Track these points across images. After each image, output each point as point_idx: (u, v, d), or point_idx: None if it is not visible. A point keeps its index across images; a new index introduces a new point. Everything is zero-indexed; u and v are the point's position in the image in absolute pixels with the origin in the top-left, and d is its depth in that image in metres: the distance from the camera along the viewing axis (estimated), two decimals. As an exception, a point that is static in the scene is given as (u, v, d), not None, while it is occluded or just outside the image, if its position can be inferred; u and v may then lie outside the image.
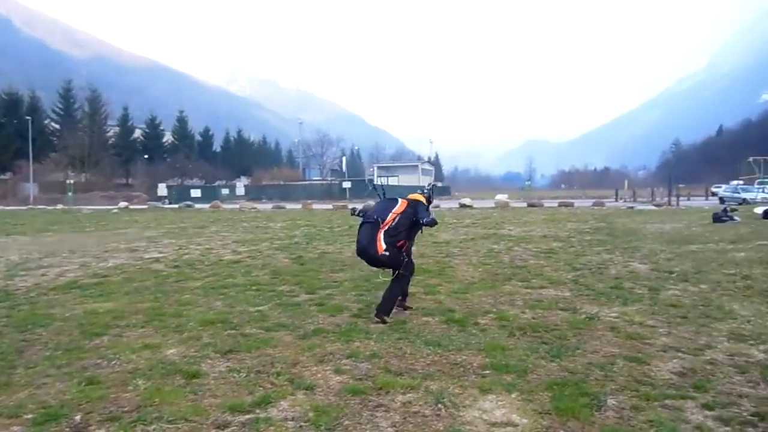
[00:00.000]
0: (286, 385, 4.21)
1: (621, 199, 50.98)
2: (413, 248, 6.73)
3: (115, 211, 38.83)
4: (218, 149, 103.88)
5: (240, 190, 65.21)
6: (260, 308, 6.88)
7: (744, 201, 33.26)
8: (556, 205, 35.80)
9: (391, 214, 6.10)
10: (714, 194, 48.30)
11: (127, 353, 5.04)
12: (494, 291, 7.82)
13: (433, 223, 6.24)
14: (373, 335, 5.55)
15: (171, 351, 5.12)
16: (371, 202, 39.46)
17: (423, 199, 6.52)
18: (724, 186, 48.22)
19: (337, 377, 4.40)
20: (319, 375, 4.45)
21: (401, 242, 6.15)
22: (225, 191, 65.04)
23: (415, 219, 6.20)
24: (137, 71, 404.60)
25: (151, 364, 4.72)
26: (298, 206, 39.72)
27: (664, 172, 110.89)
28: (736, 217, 18.02)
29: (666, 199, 41.64)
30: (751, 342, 5.16)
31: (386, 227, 6.03)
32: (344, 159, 77.38)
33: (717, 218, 18.11)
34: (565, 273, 9.31)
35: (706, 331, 5.58)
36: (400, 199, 6.37)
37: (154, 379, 4.36)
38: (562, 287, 8.06)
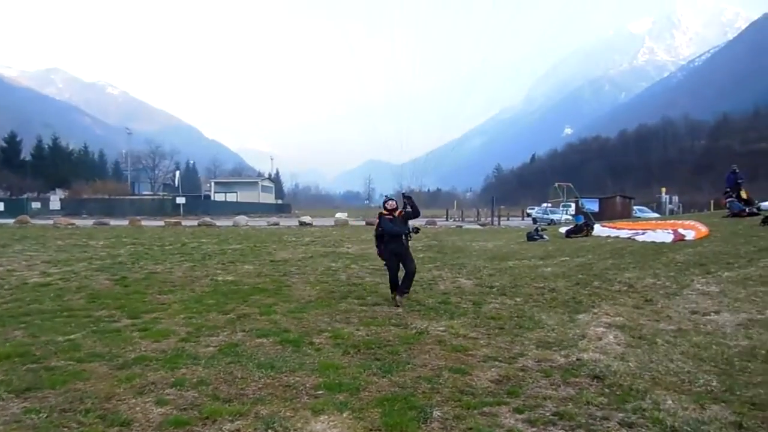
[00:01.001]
0: (96, 423, 3.78)
1: (451, 218, 54.92)
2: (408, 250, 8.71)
3: None
4: (28, 158, 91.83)
5: (55, 204, 58.07)
6: (71, 337, 6.14)
7: (552, 222, 37.69)
8: (392, 223, 37.27)
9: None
10: (528, 215, 54.03)
11: None
12: (330, 309, 7.87)
13: (392, 231, 8.43)
14: (202, 361, 5.24)
15: (-51, 394, 4.33)
16: (208, 218, 37.60)
17: (384, 211, 8.60)
18: (536, 208, 54.30)
19: (159, 409, 4.06)
20: (138, 408, 4.07)
21: (381, 246, 8.68)
22: (36, 205, 57.45)
23: (380, 229, 8.52)
24: None
25: None
26: (125, 222, 36.48)
27: (487, 194, 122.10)
28: (545, 236, 20.29)
29: (489, 219, 45.74)
30: (555, 348, 5.79)
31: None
32: (178, 173, 72.98)
33: (530, 237, 20.23)
34: (399, 289, 9.67)
35: (519, 340, 6.15)
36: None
37: None
38: (396, 303, 8.35)
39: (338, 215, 43.91)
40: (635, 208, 42.24)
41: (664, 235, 14.50)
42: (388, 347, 5.81)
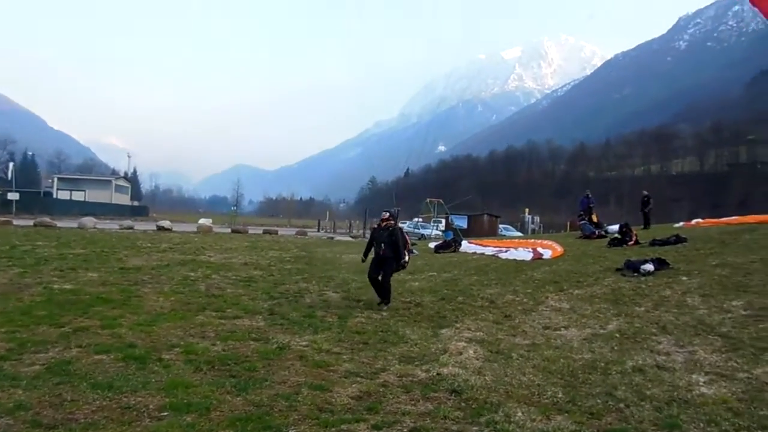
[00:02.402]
0: None
1: (323, 229, 54.96)
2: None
3: None
4: None
5: None
6: None
7: (422, 237, 39.19)
8: (260, 232, 36.56)
9: None
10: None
11: None
12: (185, 322, 7.47)
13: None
14: (23, 381, 4.68)
15: None
16: (47, 218, 33.99)
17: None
18: (408, 222, 56.08)
19: (-40, 442, 3.55)
20: (-67, 441, 3.53)
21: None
22: None
23: None
24: None
25: None
26: (-61, 219, 31.93)
27: (361, 206, 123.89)
28: (415, 251, 20.97)
29: (362, 231, 46.46)
30: (417, 363, 5.97)
31: None
32: (12, 165, 65.25)
33: None
34: (262, 302, 9.48)
35: (382, 355, 6.26)
36: None
37: None
38: (258, 317, 8.16)
39: (202, 221, 42.18)
40: (501, 226, 45.36)
41: (524, 254, 15.67)
42: (246, 363, 5.63)
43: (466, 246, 21.03)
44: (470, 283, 11.84)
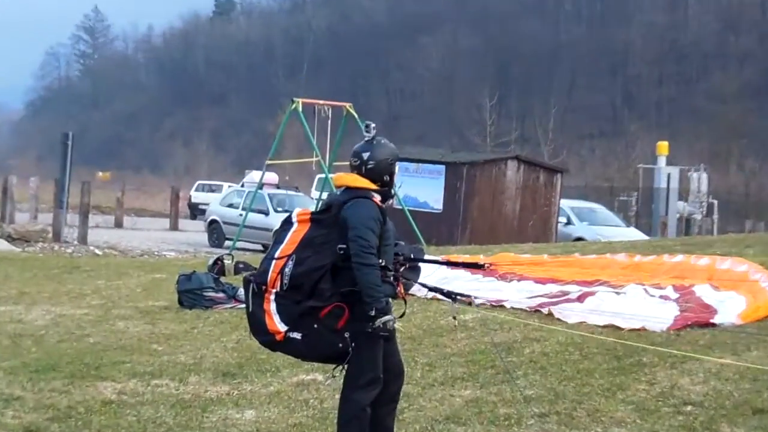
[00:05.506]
0: None
1: None
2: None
3: None
4: None
5: None
6: None
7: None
8: None
9: (273, 262, 4.47)
10: (196, 209, 40.48)
11: None
12: None
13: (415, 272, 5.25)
14: None
15: None
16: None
17: (366, 185, 4.54)
18: (229, 186, 39.35)
19: None
20: None
21: (327, 307, 4.46)
22: None
23: (342, 249, 4.39)
24: None
25: None
26: None
27: (48, 119, 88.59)
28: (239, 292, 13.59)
29: (53, 211, 27.35)
30: None
31: (275, 289, 4.50)
32: None
33: (189, 297, 12.08)
34: None
35: None
36: (295, 220, 4.60)
37: None
38: None
39: None
40: (568, 207, 24.46)
41: (651, 304, 9.27)
42: None
43: (437, 276, 10.87)
44: (449, 415, 6.38)
